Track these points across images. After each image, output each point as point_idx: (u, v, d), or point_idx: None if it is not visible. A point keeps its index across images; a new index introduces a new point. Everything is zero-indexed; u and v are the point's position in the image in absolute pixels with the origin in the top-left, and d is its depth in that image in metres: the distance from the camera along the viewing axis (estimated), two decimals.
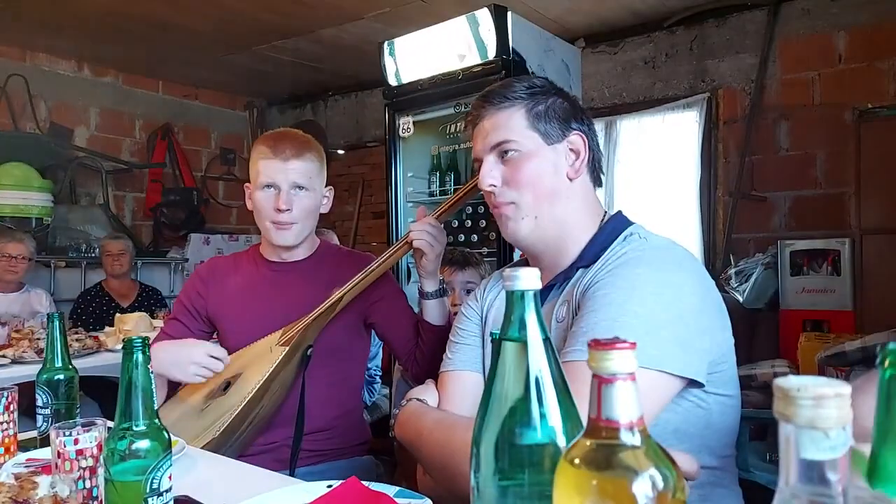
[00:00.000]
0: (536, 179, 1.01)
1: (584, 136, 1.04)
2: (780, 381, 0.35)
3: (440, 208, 1.44)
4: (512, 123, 1.02)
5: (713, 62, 3.67)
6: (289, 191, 1.44)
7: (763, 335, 3.22)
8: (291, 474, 1.29)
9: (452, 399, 1.08)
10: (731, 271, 3.30)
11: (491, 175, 1.03)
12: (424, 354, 1.45)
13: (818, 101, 3.37)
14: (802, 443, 0.34)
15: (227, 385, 1.38)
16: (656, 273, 0.89)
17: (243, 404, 1.31)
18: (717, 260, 3.61)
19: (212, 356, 1.33)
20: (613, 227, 1.03)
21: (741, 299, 3.18)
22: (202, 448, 1.23)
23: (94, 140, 4.75)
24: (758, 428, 2.09)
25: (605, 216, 1.07)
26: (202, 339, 1.57)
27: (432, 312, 1.44)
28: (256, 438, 1.43)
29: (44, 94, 4.49)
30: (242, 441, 1.37)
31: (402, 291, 1.61)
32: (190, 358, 1.33)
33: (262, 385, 1.33)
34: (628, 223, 1.04)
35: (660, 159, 3.78)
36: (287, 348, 1.36)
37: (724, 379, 0.94)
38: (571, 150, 1.03)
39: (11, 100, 4.30)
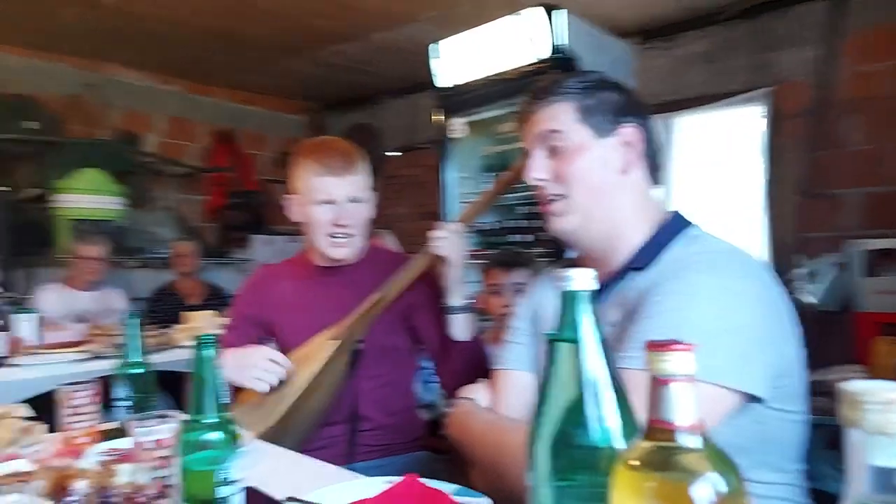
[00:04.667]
0: (585, 174, 0.97)
1: (638, 128, 1.00)
2: (846, 386, 0.34)
3: (466, 211, 1.43)
4: (561, 116, 0.99)
5: (774, 55, 3.53)
6: (346, 205, 1.45)
7: (835, 339, 3.07)
8: (349, 467, 1.33)
9: (503, 398, 1.08)
10: (801, 272, 3.17)
11: (537, 169, 1.01)
12: (451, 371, 1.44)
13: (889, 92, 3.19)
14: (870, 449, 0.33)
15: (282, 381, 1.43)
16: (715, 280, 0.85)
17: (295, 398, 1.35)
18: (784, 260, 3.47)
19: (272, 360, 1.36)
20: (671, 228, 0.98)
21: (812, 301, 3.06)
22: (258, 438, 1.27)
23: (163, 146, 4.97)
24: (830, 436, 2.01)
25: (661, 217, 1.02)
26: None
27: (459, 328, 1.42)
28: (316, 432, 1.46)
29: (115, 103, 4.73)
30: (300, 433, 1.40)
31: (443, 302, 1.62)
32: (251, 362, 1.35)
33: (313, 380, 1.36)
34: (686, 224, 1.00)
35: (720, 157, 3.67)
36: (336, 344, 1.39)
37: (788, 394, 0.89)
38: (624, 142, 0.99)
39: (87, 109, 4.55)
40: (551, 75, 1.09)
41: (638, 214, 1.00)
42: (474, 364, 1.42)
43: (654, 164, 1.03)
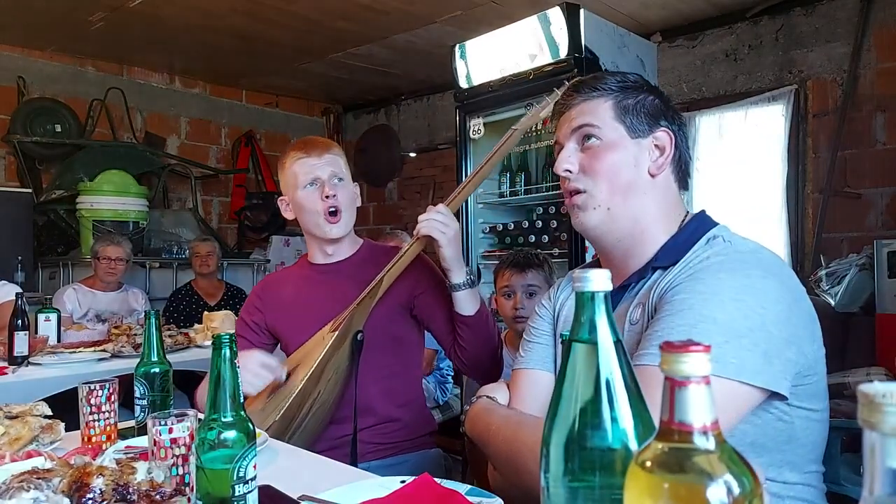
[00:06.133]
0: (614, 171, 0.98)
1: (671, 134, 1.01)
2: (863, 387, 0.33)
3: (452, 196, 1.45)
4: (598, 112, 1.00)
5: (801, 52, 3.48)
6: (330, 180, 1.52)
7: (857, 341, 3.02)
8: (353, 463, 1.33)
9: (523, 397, 1.09)
10: (822, 273, 3.12)
11: (568, 160, 1.01)
12: (464, 347, 1.45)
13: None
14: (888, 451, 0.32)
15: (287, 376, 1.44)
16: (739, 279, 0.85)
17: (299, 388, 1.36)
18: (805, 261, 3.42)
19: (264, 365, 1.35)
20: (695, 228, 0.98)
21: (833, 302, 3.00)
22: (266, 433, 1.28)
23: (184, 148, 5.04)
24: (850, 439, 1.97)
25: (686, 216, 1.02)
26: (265, 351, 1.64)
27: (462, 303, 1.42)
28: (323, 430, 1.47)
29: (139, 106, 4.81)
30: (307, 429, 1.41)
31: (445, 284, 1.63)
32: (243, 367, 1.35)
33: (315, 369, 1.37)
34: (712, 224, 0.99)
35: (743, 156, 3.62)
36: (336, 333, 1.40)
37: (811, 392, 0.89)
38: (656, 146, 1.00)
39: (111, 112, 4.63)
40: (594, 73, 1.10)
41: (663, 215, 1.00)
42: (484, 336, 1.44)
43: (683, 170, 1.04)
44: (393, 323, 1.54)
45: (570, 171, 1.01)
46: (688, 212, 1.04)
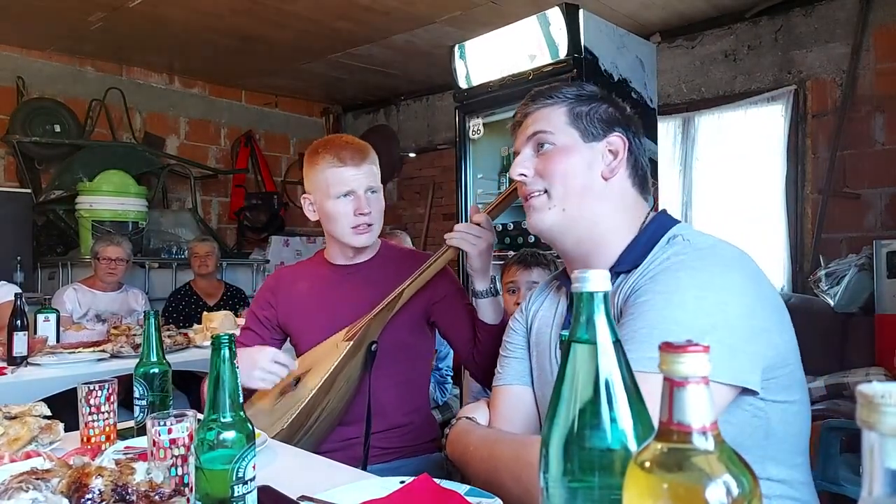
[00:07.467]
0: (568, 173, 0.99)
1: (626, 140, 1.02)
2: (862, 388, 0.33)
3: (491, 205, 1.44)
4: (552, 118, 1.02)
5: (800, 53, 3.48)
6: (365, 195, 1.48)
7: (856, 341, 3.02)
8: (364, 469, 1.33)
9: (503, 413, 1.09)
10: (821, 273, 3.12)
11: (523, 165, 1.03)
12: (482, 353, 1.44)
13: None
14: (887, 452, 0.32)
15: (297, 381, 1.43)
16: (699, 276, 0.85)
17: (309, 398, 1.35)
18: (805, 261, 3.42)
19: (277, 362, 1.35)
20: (655, 229, 0.98)
21: (832, 303, 3.00)
22: (274, 439, 1.28)
23: (184, 148, 5.04)
24: (850, 439, 1.97)
25: (647, 218, 1.02)
26: (274, 346, 1.61)
27: (485, 311, 1.42)
28: (329, 434, 1.47)
29: (139, 106, 4.81)
30: (314, 435, 1.41)
31: (464, 291, 1.61)
32: (256, 364, 1.35)
33: (326, 379, 1.36)
34: (671, 223, 0.99)
35: (742, 156, 3.62)
36: (351, 343, 1.39)
37: (785, 384, 0.88)
38: (610, 150, 1.01)
39: (110, 112, 4.63)
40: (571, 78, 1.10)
41: (621, 220, 1.01)
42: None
43: (641, 175, 1.04)
44: (407, 333, 1.53)
45: (525, 175, 1.03)
46: (648, 213, 1.04)
